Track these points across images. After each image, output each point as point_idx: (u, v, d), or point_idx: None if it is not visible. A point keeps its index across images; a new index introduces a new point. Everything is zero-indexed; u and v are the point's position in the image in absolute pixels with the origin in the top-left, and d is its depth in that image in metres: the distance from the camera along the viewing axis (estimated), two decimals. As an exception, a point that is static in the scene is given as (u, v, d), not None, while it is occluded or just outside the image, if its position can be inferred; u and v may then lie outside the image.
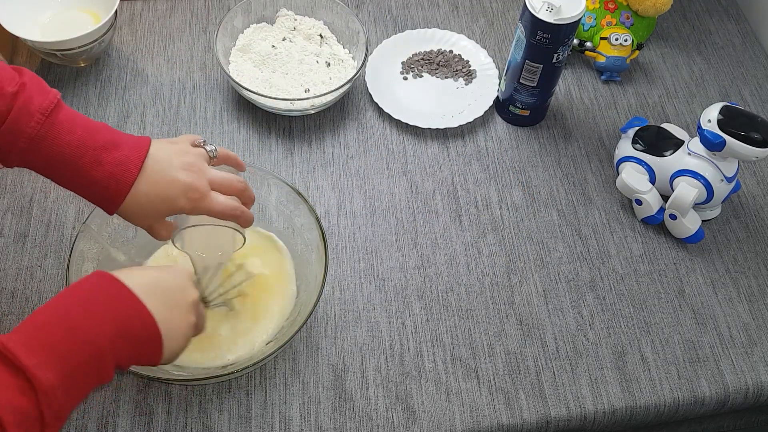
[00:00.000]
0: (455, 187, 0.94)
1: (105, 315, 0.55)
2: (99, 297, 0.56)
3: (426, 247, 0.89)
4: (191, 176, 0.67)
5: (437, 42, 1.06)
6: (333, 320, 0.83)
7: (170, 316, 0.59)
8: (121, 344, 0.55)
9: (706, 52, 1.10)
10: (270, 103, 0.94)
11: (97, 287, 0.57)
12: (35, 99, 0.62)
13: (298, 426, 0.76)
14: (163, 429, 0.75)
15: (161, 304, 0.58)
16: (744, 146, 0.80)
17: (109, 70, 1.01)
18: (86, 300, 0.55)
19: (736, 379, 0.82)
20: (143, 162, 0.65)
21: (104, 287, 0.57)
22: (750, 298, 0.88)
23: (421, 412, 0.77)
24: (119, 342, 0.55)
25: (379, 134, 0.98)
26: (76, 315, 0.54)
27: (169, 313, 0.59)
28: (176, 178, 0.66)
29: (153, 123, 0.96)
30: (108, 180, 0.64)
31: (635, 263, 0.89)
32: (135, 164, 0.65)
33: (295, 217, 0.82)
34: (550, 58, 0.90)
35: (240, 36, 1.01)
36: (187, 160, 0.67)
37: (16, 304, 0.82)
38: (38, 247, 0.86)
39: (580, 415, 0.79)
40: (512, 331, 0.83)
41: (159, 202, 0.66)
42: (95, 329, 0.54)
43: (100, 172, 0.64)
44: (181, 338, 0.61)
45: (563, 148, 0.98)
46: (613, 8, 1.04)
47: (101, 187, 0.64)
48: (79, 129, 0.64)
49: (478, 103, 1.00)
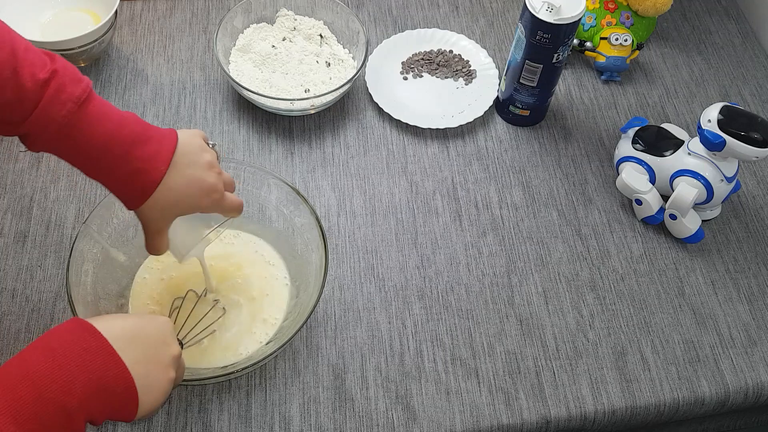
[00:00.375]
0: (455, 187, 0.94)
1: (78, 372, 0.52)
2: (72, 350, 0.53)
3: (426, 247, 0.89)
4: (214, 177, 0.66)
5: (437, 42, 1.06)
6: (333, 320, 0.83)
7: (149, 370, 0.57)
8: (93, 401, 0.53)
9: (706, 52, 1.10)
10: (270, 103, 0.94)
11: (72, 339, 0.54)
12: (68, 87, 0.60)
13: (298, 426, 0.76)
14: (163, 429, 0.75)
15: (140, 357, 0.56)
16: (744, 146, 0.80)
17: (109, 70, 1.01)
18: (58, 355, 0.53)
19: (736, 379, 0.82)
20: (171, 158, 0.64)
21: (79, 337, 0.54)
22: (750, 298, 0.88)
23: (421, 412, 0.77)
24: (93, 400, 0.53)
25: (379, 134, 0.98)
26: (47, 374, 0.51)
27: (147, 367, 0.57)
28: (202, 178, 0.65)
29: (153, 123, 0.96)
30: (136, 175, 0.62)
31: (635, 263, 0.89)
32: (163, 161, 0.63)
33: (295, 217, 0.82)
34: (550, 58, 0.90)
35: (240, 36, 1.01)
36: (209, 159, 0.67)
37: (16, 304, 0.82)
38: (38, 247, 0.86)
39: (580, 415, 0.79)
40: (512, 331, 0.83)
41: (183, 198, 0.65)
42: (66, 389, 0.51)
43: (128, 167, 0.62)
44: (158, 394, 0.58)
45: (563, 148, 0.98)
46: (613, 8, 1.04)
47: (128, 182, 0.63)
48: (108, 122, 0.62)
49: (478, 103, 1.00)
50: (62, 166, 0.92)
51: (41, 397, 0.50)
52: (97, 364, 0.53)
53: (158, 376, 0.58)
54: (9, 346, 0.79)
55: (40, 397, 0.50)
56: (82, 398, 0.52)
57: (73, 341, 0.54)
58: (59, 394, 0.51)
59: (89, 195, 0.90)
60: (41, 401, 0.50)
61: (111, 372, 0.54)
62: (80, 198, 0.90)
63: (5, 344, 0.79)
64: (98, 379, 0.53)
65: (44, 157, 0.93)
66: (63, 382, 0.51)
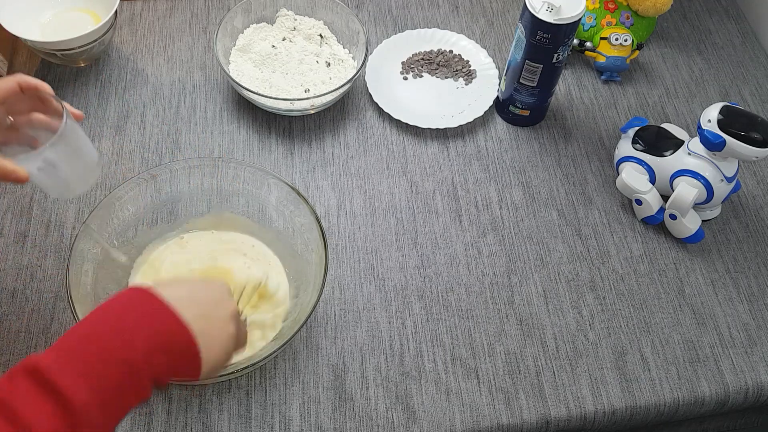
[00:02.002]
0: (455, 187, 0.94)
1: (138, 330, 0.53)
2: (132, 312, 0.55)
3: (426, 247, 0.89)
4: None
5: (437, 42, 1.06)
6: (333, 320, 0.83)
7: (208, 327, 0.57)
8: (157, 359, 0.54)
9: (706, 52, 1.10)
10: (270, 103, 0.94)
11: (131, 301, 0.56)
12: None
13: (298, 426, 0.76)
14: (163, 429, 0.75)
15: (198, 315, 0.57)
16: (744, 146, 0.80)
17: (109, 70, 1.01)
18: (119, 316, 0.54)
19: (736, 379, 0.82)
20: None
21: (138, 301, 0.56)
22: (750, 298, 0.88)
23: (421, 412, 0.77)
24: (155, 356, 0.54)
25: (379, 134, 0.98)
26: (108, 332, 0.53)
27: (206, 324, 0.57)
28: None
29: (153, 123, 0.96)
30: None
31: (635, 263, 0.89)
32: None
33: (295, 217, 0.82)
34: (550, 58, 0.90)
35: (240, 36, 1.01)
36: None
37: (16, 304, 0.82)
38: (38, 247, 0.86)
39: (580, 415, 0.79)
40: (512, 331, 0.83)
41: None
42: (128, 346, 0.53)
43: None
44: (220, 350, 0.59)
45: (563, 148, 0.98)
46: (613, 8, 1.04)
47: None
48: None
49: (478, 103, 1.00)
50: (62, 166, 0.92)
51: (104, 354, 0.52)
52: (157, 321, 0.55)
53: (218, 332, 0.59)
54: (9, 346, 0.79)
55: (103, 354, 0.52)
56: (145, 354, 0.53)
57: (133, 304, 0.55)
58: (122, 351, 0.52)
59: (89, 195, 0.90)
60: (104, 358, 0.52)
61: (171, 328, 0.55)
62: (80, 198, 0.90)
63: (5, 344, 0.79)
64: (159, 335, 0.54)
65: (44, 157, 0.93)
66: (125, 340, 0.53)
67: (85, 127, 0.95)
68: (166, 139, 0.95)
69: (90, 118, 0.96)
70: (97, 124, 0.96)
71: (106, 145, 0.94)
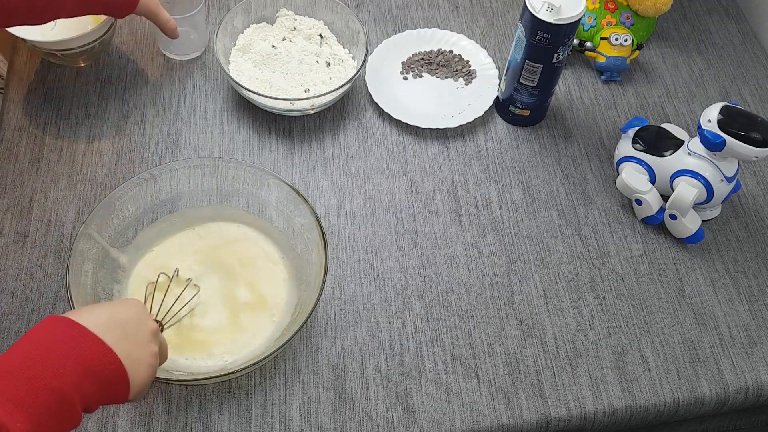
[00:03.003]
0: (455, 187, 0.94)
1: (66, 359, 0.53)
2: (58, 340, 0.54)
3: (426, 247, 0.89)
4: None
5: (437, 42, 1.06)
6: (333, 320, 0.83)
7: (132, 349, 0.58)
8: (85, 383, 0.54)
9: (706, 52, 1.10)
10: (270, 103, 0.94)
11: (54, 331, 0.55)
12: None
13: (298, 426, 0.76)
14: (163, 429, 0.75)
15: (121, 338, 0.57)
16: (744, 146, 0.80)
17: (109, 70, 1.01)
18: (44, 346, 0.54)
19: (736, 379, 0.82)
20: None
21: (61, 330, 0.55)
22: (750, 298, 0.87)
23: (421, 412, 0.77)
24: (85, 383, 0.53)
25: (379, 134, 0.98)
26: (37, 362, 0.52)
27: (130, 346, 0.58)
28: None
29: (153, 123, 0.96)
30: None
31: (635, 263, 0.89)
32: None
33: (295, 217, 0.82)
34: (550, 58, 0.90)
35: (240, 36, 1.01)
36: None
37: (16, 304, 0.82)
38: (38, 247, 0.86)
39: (580, 415, 0.79)
40: (512, 331, 0.83)
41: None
42: (59, 374, 0.52)
43: None
44: (146, 369, 0.60)
45: (563, 148, 0.98)
46: (613, 8, 1.04)
47: None
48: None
49: (478, 103, 1.00)
50: (62, 166, 0.92)
51: (35, 383, 0.51)
52: (83, 348, 0.55)
53: (142, 352, 0.59)
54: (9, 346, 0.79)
55: (35, 384, 0.51)
56: (75, 382, 0.53)
57: (55, 334, 0.55)
58: (52, 380, 0.52)
59: (89, 195, 0.90)
60: (36, 387, 0.51)
61: (97, 353, 0.55)
62: (80, 198, 0.90)
63: (5, 344, 0.79)
64: (87, 362, 0.54)
65: (44, 156, 0.93)
66: (53, 369, 0.52)
67: (85, 127, 0.95)
68: (166, 139, 0.95)
69: (90, 118, 0.96)
70: (97, 124, 0.96)
71: (106, 145, 0.94)
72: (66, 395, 0.52)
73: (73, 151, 0.93)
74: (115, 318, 0.59)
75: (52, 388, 0.52)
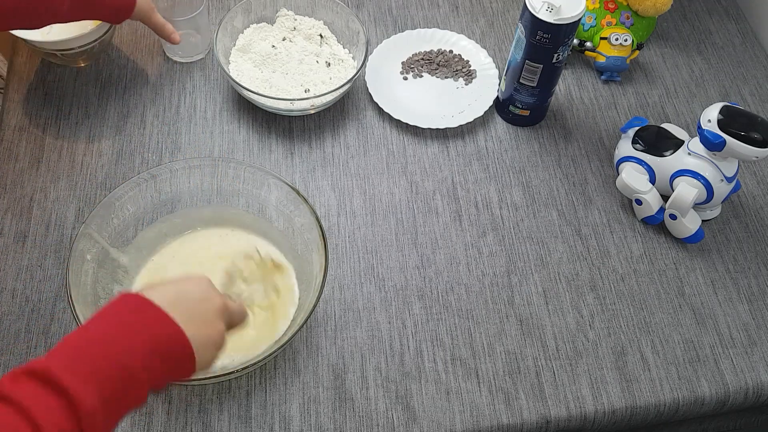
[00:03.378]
0: (455, 187, 0.94)
1: (135, 336, 0.54)
2: (127, 318, 0.55)
3: (426, 247, 0.89)
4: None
5: (437, 42, 1.06)
6: (333, 320, 0.83)
7: (199, 327, 0.58)
8: (154, 363, 0.54)
9: (706, 52, 1.10)
10: (270, 103, 0.94)
11: (125, 308, 0.56)
12: None
13: (298, 426, 0.76)
14: (163, 429, 0.75)
15: (188, 316, 0.57)
16: (744, 146, 0.80)
17: (109, 70, 1.01)
18: (118, 321, 0.55)
19: (736, 379, 0.82)
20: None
21: (131, 307, 0.56)
22: (750, 298, 0.87)
23: (421, 412, 0.77)
24: (153, 361, 0.54)
25: (379, 134, 0.98)
26: (107, 339, 0.53)
27: (197, 324, 0.58)
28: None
29: (153, 123, 0.96)
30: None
31: (635, 263, 0.89)
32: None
33: (295, 217, 0.82)
34: (550, 58, 0.90)
35: (240, 36, 1.01)
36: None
37: (16, 304, 0.82)
38: (38, 247, 0.86)
39: (580, 415, 0.79)
40: (512, 331, 0.83)
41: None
42: (128, 351, 0.53)
43: None
44: (212, 347, 0.60)
45: (563, 148, 0.98)
46: (613, 8, 1.04)
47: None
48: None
49: (478, 103, 1.00)
50: (62, 166, 0.92)
51: (105, 360, 0.52)
52: (152, 326, 0.55)
53: (208, 331, 0.60)
54: (9, 346, 0.79)
55: (105, 361, 0.52)
56: (144, 359, 0.53)
57: (128, 310, 0.56)
58: (122, 357, 0.53)
59: (89, 195, 0.90)
60: (106, 364, 0.52)
61: (167, 331, 0.56)
62: (80, 198, 0.90)
63: (5, 344, 0.79)
64: (156, 339, 0.55)
65: (44, 156, 0.93)
66: (124, 346, 0.53)
67: (85, 127, 0.95)
68: (166, 139, 0.95)
69: (90, 118, 0.96)
70: (97, 124, 0.96)
71: (106, 145, 0.94)
72: (134, 372, 0.53)
73: (73, 151, 0.93)
74: (182, 296, 0.59)
75: (122, 364, 0.52)
